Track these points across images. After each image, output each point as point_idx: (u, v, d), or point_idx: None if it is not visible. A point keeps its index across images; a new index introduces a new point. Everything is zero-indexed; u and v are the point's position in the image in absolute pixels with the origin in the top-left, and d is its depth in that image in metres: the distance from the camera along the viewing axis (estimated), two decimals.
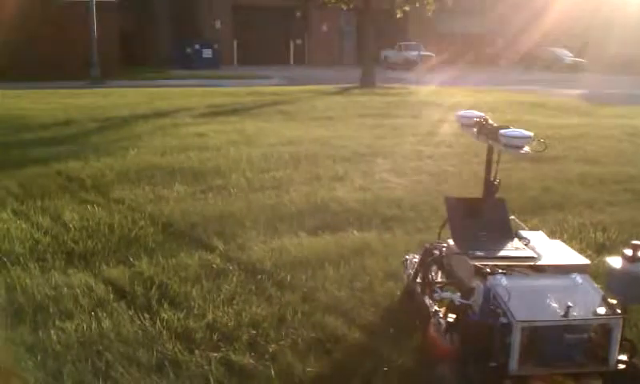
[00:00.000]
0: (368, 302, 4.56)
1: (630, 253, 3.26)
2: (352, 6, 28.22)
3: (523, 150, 3.82)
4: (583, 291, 3.32)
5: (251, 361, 3.77)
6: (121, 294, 4.66)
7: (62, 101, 18.03)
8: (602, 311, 3.20)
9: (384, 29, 36.93)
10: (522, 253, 3.64)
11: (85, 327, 4.12)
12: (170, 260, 5.27)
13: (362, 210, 6.86)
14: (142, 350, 3.86)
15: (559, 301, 3.19)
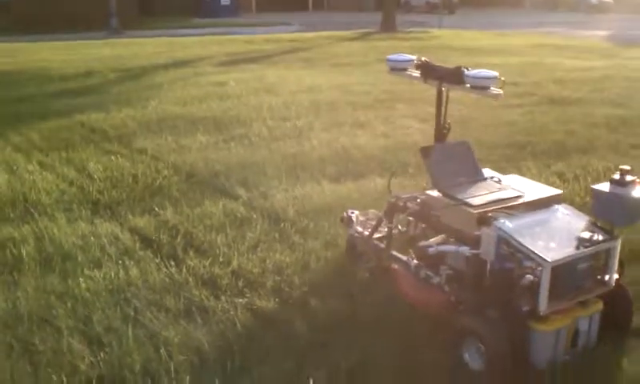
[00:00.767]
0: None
1: (618, 177, 3.33)
2: None
3: (490, 90, 3.73)
4: (574, 220, 3.42)
5: (276, 306, 3.84)
6: (147, 242, 4.75)
7: (83, 52, 18.04)
8: (601, 237, 3.29)
9: None
10: (509, 193, 3.62)
11: (112, 275, 4.21)
12: (195, 209, 5.34)
13: (384, 157, 6.85)
14: (169, 296, 3.95)
15: (563, 233, 3.29)
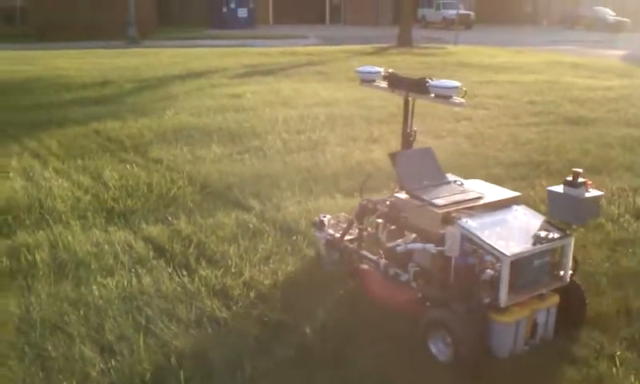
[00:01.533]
0: None
1: (571, 179, 3.57)
2: None
3: (453, 99, 4.01)
4: (531, 219, 3.66)
5: (287, 318, 3.84)
6: (160, 251, 4.78)
7: (100, 61, 18.21)
8: (557, 235, 3.53)
9: None
10: (470, 195, 3.86)
11: (125, 283, 4.24)
12: (208, 219, 5.37)
13: None
14: (181, 306, 3.96)
15: (520, 231, 3.52)
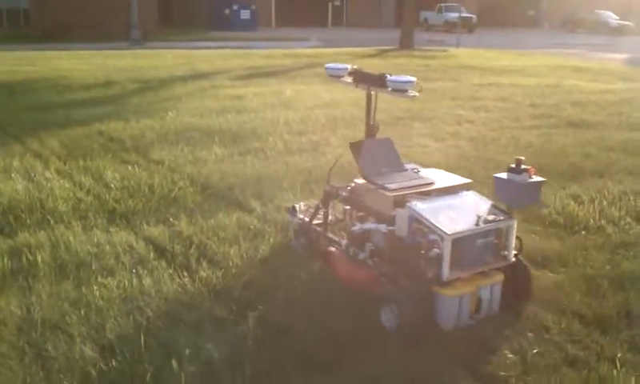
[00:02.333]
0: None
1: (514, 166, 3.87)
2: None
3: (408, 93, 4.29)
4: (479, 203, 3.97)
5: (288, 319, 3.84)
6: (161, 252, 4.78)
7: (103, 62, 18.25)
8: (500, 217, 3.85)
9: None
10: (422, 181, 4.19)
11: (126, 284, 4.24)
12: (209, 220, 5.37)
13: None
14: (181, 307, 3.96)
15: (467, 213, 3.82)
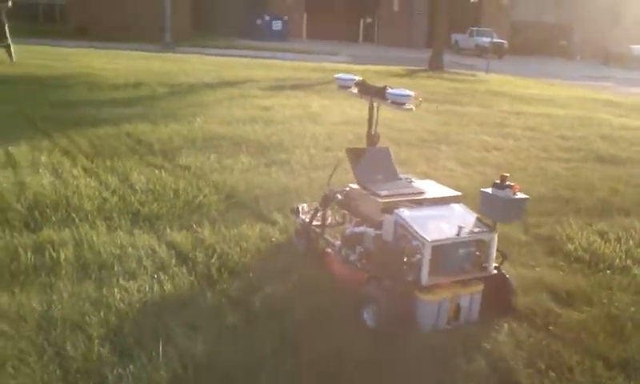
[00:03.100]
0: None
1: (499, 182, 4.08)
2: None
3: (406, 106, 4.53)
4: (465, 215, 4.21)
5: (307, 333, 3.81)
6: (183, 258, 4.77)
7: (134, 63, 18.44)
8: (482, 229, 4.10)
9: (457, 12, 36.28)
10: (413, 189, 4.45)
11: (147, 288, 4.24)
12: (232, 230, 5.36)
13: None
14: (200, 315, 3.95)
15: (450, 223, 4.05)
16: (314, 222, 4.99)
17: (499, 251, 4.18)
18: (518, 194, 4.07)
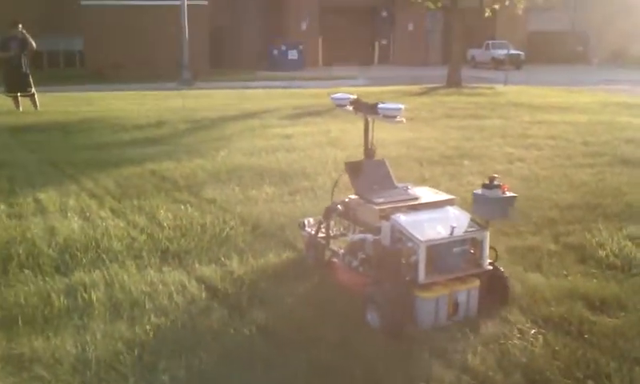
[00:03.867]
0: None
1: (488, 182, 4.36)
2: (440, 5, 27.81)
3: (397, 119, 4.75)
4: (458, 216, 4.41)
5: (340, 360, 3.80)
6: (213, 292, 4.80)
7: (155, 102, 18.70)
8: (474, 228, 4.34)
9: (471, 27, 36.31)
10: (408, 196, 4.67)
11: (179, 324, 4.27)
12: (259, 260, 5.39)
13: None
14: (234, 348, 3.96)
15: (444, 225, 4.25)
16: (319, 234, 5.21)
17: (491, 248, 4.44)
18: (507, 192, 4.35)
